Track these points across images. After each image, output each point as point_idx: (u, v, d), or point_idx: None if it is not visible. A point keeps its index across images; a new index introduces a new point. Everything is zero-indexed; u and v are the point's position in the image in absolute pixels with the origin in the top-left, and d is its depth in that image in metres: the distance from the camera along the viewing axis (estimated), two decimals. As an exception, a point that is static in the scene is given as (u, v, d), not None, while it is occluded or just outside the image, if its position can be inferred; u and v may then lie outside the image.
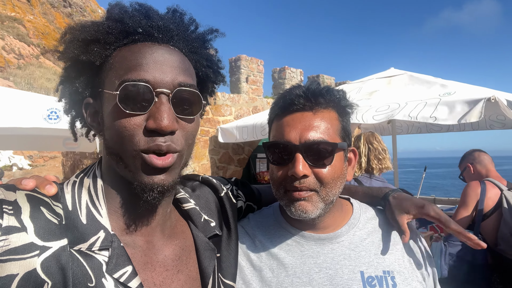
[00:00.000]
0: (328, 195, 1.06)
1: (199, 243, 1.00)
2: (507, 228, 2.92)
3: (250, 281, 1.11)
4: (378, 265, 1.10)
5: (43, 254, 0.71)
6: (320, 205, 1.06)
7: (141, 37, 0.85)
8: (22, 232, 0.70)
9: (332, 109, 1.11)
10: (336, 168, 1.07)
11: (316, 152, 1.04)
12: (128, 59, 0.82)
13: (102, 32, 0.85)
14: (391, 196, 1.23)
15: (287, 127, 1.08)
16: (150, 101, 0.80)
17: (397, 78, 5.27)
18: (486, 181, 3.19)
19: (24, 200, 0.75)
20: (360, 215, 1.21)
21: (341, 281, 1.06)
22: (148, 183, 0.81)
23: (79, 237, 0.78)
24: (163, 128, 0.78)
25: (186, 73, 0.86)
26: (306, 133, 1.05)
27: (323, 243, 1.14)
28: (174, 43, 0.88)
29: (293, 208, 1.06)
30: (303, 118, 1.07)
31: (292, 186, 1.04)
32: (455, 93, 3.89)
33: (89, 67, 0.86)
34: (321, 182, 1.05)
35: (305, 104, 1.08)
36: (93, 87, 0.89)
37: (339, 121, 1.11)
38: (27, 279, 0.68)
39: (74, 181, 0.87)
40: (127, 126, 0.79)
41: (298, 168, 1.02)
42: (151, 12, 0.89)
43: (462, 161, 3.57)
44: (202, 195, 1.14)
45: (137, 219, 0.88)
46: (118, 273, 0.78)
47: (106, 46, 0.85)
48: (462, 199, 3.21)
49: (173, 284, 0.89)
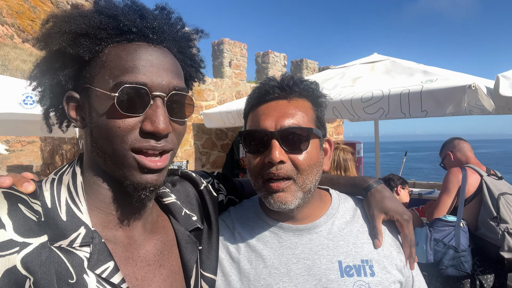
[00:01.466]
0: (305, 182, 1.07)
1: (180, 237, 1.01)
2: (487, 213, 3.04)
3: (229, 273, 1.12)
4: (356, 254, 1.11)
5: (23, 251, 0.71)
6: (299, 194, 1.06)
7: (135, 36, 0.85)
8: (0, 229, 0.70)
9: (306, 98, 1.14)
10: (312, 155, 1.08)
11: (292, 138, 1.05)
12: (124, 59, 0.83)
13: (93, 26, 0.83)
14: (373, 189, 1.24)
15: (263, 115, 1.09)
16: (146, 104, 0.82)
17: (380, 63, 5.29)
18: (466, 168, 3.28)
19: (1, 197, 0.75)
20: (339, 205, 1.23)
21: (318, 271, 1.08)
22: (142, 182, 0.83)
23: (59, 234, 0.78)
24: (160, 131, 0.81)
25: (179, 77, 0.89)
26: (282, 120, 1.06)
27: (301, 233, 1.15)
28: (167, 44, 0.90)
29: (272, 200, 1.06)
30: (278, 106, 1.10)
31: (270, 173, 1.05)
32: (437, 80, 3.93)
33: (75, 60, 0.85)
34: (297, 168, 1.05)
35: (280, 93, 1.10)
36: (78, 81, 0.87)
37: (313, 110, 1.14)
38: (8, 276, 0.68)
39: (53, 178, 0.87)
40: (121, 126, 0.81)
41: (274, 154, 1.02)
42: (145, 12, 0.89)
43: (443, 149, 3.66)
44: (182, 190, 1.15)
45: (118, 215, 0.89)
46: (100, 269, 0.79)
47: (97, 42, 0.84)
48: (444, 185, 3.30)
49: (155, 278, 0.91)
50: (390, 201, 1.20)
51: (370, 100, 4.11)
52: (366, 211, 1.23)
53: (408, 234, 1.17)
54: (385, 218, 1.18)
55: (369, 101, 4.13)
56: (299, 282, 1.07)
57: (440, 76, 4.12)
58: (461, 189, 3.18)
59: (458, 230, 3.00)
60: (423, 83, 3.97)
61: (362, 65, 5.49)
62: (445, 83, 3.77)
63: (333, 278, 1.07)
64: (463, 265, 2.93)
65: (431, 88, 3.72)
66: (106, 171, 0.86)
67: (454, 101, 3.57)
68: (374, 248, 1.14)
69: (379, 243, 1.14)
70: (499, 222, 2.96)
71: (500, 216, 2.96)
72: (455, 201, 3.22)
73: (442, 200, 3.26)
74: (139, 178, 0.83)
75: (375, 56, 5.71)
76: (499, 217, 2.96)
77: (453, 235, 2.99)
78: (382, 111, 4.06)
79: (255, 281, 1.09)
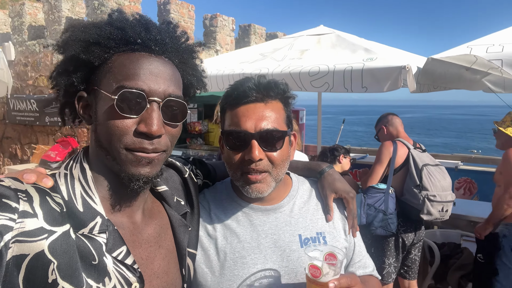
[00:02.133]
0: (279, 174, 1.24)
1: (173, 221, 1.14)
2: (412, 182, 3.45)
3: (207, 249, 1.28)
4: (313, 228, 1.33)
5: (50, 237, 0.80)
6: (272, 184, 1.23)
7: (139, 47, 0.94)
8: (34, 218, 0.79)
9: (279, 100, 1.27)
10: (284, 151, 1.24)
11: (269, 139, 1.20)
12: (127, 67, 0.92)
13: (103, 36, 0.92)
14: (326, 173, 1.46)
15: (243, 117, 1.20)
16: (143, 107, 0.91)
17: (326, 37, 5.50)
18: (397, 141, 3.67)
19: (33, 190, 0.83)
20: (298, 187, 1.42)
21: (283, 244, 1.28)
22: (135, 174, 0.92)
23: (80, 223, 0.88)
24: (152, 133, 0.90)
25: (176, 85, 0.98)
26: (260, 122, 1.19)
27: (268, 213, 1.32)
28: (168, 55, 0.99)
29: (249, 190, 1.21)
30: (256, 109, 1.21)
31: (249, 168, 1.19)
32: (377, 59, 4.25)
33: (87, 65, 0.93)
34: (273, 163, 1.21)
35: (257, 96, 1.22)
36: (88, 83, 0.96)
37: (284, 111, 1.28)
38: (36, 259, 0.77)
39: (65, 173, 0.95)
40: (119, 125, 0.90)
41: (254, 153, 1.16)
42: (150, 25, 0.97)
43: (378, 123, 4.04)
44: (170, 178, 1.27)
45: (123, 204, 1.00)
46: (116, 252, 0.91)
47: (106, 50, 0.92)
48: (377, 157, 3.67)
49: (156, 257, 1.04)
50: (339, 182, 1.42)
51: (317, 75, 4.36)
52: (320, 191, 1.44)
53: (353, 209, 1.40)
54: (335, 197, 1.40)
55: (316, 75, 4.38)
56: (268, 253, 1.26)
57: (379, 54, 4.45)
58: (392, 160, 3.57)
59: (387, 196, 3.43)
60: (364, 61, 4.28)
61: (309, 37, 5.66)
62: (384, 62, 4.10)
63: (295, 248, 1.27)
64: (389, 226, 3.38)
65: (371, 66, 4.04)
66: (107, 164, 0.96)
67: (391, 79, 3.91)
68: (326, 222, 1.36)
69: (331, 217, 1.36)
70: (421, 189, 3.36)
71: (422, 184, 3.35)
72: (386, 171, 3.63)
73: (375, 170, 3.65)
74: (134, 170, 0.92)
75: (322, 28, 5.90)
76: (421, 185, 3.36)
77: (383, 201, 3.41)
78: (327, 85, 4.34)
79: (230, 254, 1.25)
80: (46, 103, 7.88)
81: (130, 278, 0.92)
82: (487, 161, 8.17)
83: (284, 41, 5.84)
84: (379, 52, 4.61)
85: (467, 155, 9.03)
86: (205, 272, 1.25)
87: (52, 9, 7.70)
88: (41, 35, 8.36)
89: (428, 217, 3.38)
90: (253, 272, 1.24)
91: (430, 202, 3.34)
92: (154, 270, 1.02)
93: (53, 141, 7.87)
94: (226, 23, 9.76)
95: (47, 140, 8.19)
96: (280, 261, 1.25)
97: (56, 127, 7.99)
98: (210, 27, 9.58)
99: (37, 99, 8.03)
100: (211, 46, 9.53)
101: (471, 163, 7.72)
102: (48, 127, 8.10)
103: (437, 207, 3.36)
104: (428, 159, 3.56)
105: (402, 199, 3.56)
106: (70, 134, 7.57)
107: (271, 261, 1.26)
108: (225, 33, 9.79)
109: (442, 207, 3.38)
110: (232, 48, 9.91)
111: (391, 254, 3.64)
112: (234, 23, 10.04)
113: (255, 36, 10.81)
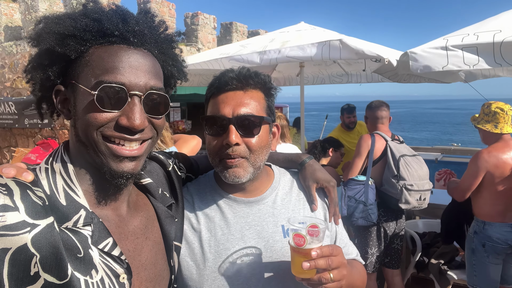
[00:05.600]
0: (256, 161, 1.25)
1: (159, 212, 1.14)
2: (390, 172, 3.55)
3: (192, 241, 1.28)
4: (295, 219, 1.33)
5: (33, 231, 0.79)
6: (250, 170, 1.24)
7: (117, 39, 0.91)
8: (15, 211, 0.77)
9: (260, 90, 1.29)
10: (262, 139, 1.25)
11: (246, 124, 1.21)
12: (106, 60, 0.89)
13: (79, 28, 0.89)
14: (307, 164, 1.47)
15: (222, 103, 1.23)
16: (124, 101, 0.89)
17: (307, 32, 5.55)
18: (375, 134, 3.76)
19: (13, 184, 0.81)
20: (280, 179, 1.44)
21: (266, 234, 1.29)
22: (118, 170, 0.90)
23: (63, 216, 0.86)
24: (135, 127, 0.89)
25: (157, 77, 0.96)
26: (238, 108, 1.21)
27: (251, 205, 1.33)
28: (147, 47, 0.96)
29: (227, 174, 1.22)
30: (236, 96, 1.24)
31: (226, 154, 1.21)
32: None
33: (63, 58, 0.91)
34: (250, 149, 1.23)
35: (237, 84, 1.24)
36: (65, 77, 0.94)
37: (265, 100, 1.30)
38: (19, 253, 0.76)
39: (46, 167, 0.93)
40: (99, 119, 0.88)
41: (231, 137, 1.18)
42: (128, 16, 0.94)
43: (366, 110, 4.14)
44: (154, 171, 1.26)
45: (107, 197, 0.99)
46: (102, 244, 0.90)
47: (83, 42, 0.90)
48: (356, 150, 3.77)
49: (143, 249, 1.03)
50: (320, 172, 1.44)
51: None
52: (302, 182, 1.45)
53: (334, 197, 1.42)
54: (317, 187, 1.42)
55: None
56: (251, 244, 1.27)
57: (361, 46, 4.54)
58: (370, 152, 3.67)
59: (367, 187, 3.51)
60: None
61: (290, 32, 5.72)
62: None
63: (278, 239, 1.29)
64: (370, 216, 3.47)
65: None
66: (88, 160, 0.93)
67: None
68: (311, 211, 1.38)
69: (316, 207, 1.38)
70: (398, 179, 3.46)
71: (399, 174, 3.45)
72: (365, 163, 3.72)
73: (355, 163, 3.74)
74: (116, 166, 0.90)
75: (302, 24, 5.96)
76: (398, 175, 3.46)
77: (363, 192, 3.50)
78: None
79: (215, 246, 1.26)
80: (25, 105, 7.71)
81: (118, 269, 0.91)
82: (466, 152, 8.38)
83: (265, 37, 5.87)
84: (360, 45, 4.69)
85: (447, 147, 9.24)
86: (190, 265, 1.26)
87: (29, 9, 7.54)
88: (18, 36, 8.18)
89: (406, 205, 3.48)
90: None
91: (408, 191, 3.43)
92: (141, 262, 1.01)
93: (33, 144, 7.71)
94: (208, 21, 9.73)
95: (27, 143, 8.02)
96: (264, 251, 1.27)
97: (36, 129, 7.83)
98: (192, 26, 9.53)
99: (15, 101, 7.87)
100: (193, 45, 9.50)
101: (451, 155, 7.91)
102: (28, 129, 7.94)
103: (414, 196, 3.45)
104: (405, 150, 3.65)
105: (382, 189, 3.65)
106: (51, 136, 7.44)
107: None
108: (206, 31, 9.76)
109: (420, 195, 3.47)
110: (214, 46, 9.89)
111: (374, 244, 3.73)
112: (216, 21, 10.02)
113: (237, 34, 10.82)
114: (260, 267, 1.26)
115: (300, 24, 6.02)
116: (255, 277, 1.24)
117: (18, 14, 8.24)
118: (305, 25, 5.90)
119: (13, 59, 7.96)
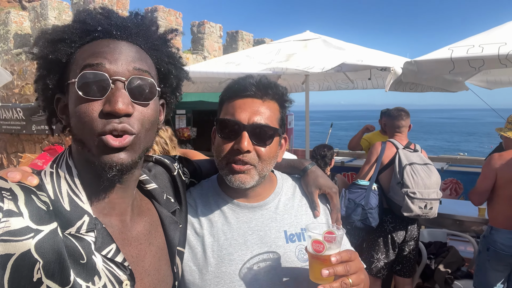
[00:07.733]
0: (264, 170, 1.26)
1: (164, 218, 1.13)
2: (395, 179, 3.61)
3: (195, 246, 1.28)
4: (297, 224, 1.35)
5: (37, 237, 0.78)
6: (256, 177, 1.25)
7: (101, 34, 0.91)
8: (19, 217, 0.77)
9: (276, 101, 1.30)
10: (272, 149, 1.27)
11: (259, 133, 1.21)
12: (88, 51, 0.90)
13: (67, 32, 0.91)
14: (309, 170, 1.48)
15: (239, 108, 1.23)
16: (107, 88, 0.86)
17: (313, 42, 5.60)
18: (387, 142, 3.88)
19: (18, 188, 0.81)
20: (283, 185, 1.44)
21: (269, 240, 1.30)
22: (107, 162, 0.87)
23: (66, 222, 0.86)
24: (117, 111, 0.84)
25: (142, 62, 0.93)
26: (254, 116, 1.21)
27: (254, 210, 1.33)
28: (133, 40, 0.94)
29: (232, 179, 1.22)
30: (253, 103, 1.24)
31: (235, 159, 1.22)
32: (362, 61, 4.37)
33: (57, 64, 0.92)
34: (259, 158, 1.23)
35: (256, 92, 1.25)
36: (61, 83, 0.94)
37: (279, 112, 1.31)
38: (22, 259, 0.75)
39: (51, 172, 0.93)
40: (86, 111, 0.86)
41: (243, 144, 1.19)
42: (111, 14, 0.95)
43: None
44: (159, 175, 1.25)
45: (111, 202, 0.97)
46: (105, 250, 0.89)
47: (71, 44, 0.91)
48: (367, 156, 3.94)
49: (146, 255, 1.02)
50: (322, 178, 1.45)
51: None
52: (304, 188, 1.46)
53: (336, 203, 1.43)
54: (319, 193, 1.43)
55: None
56: (254, 249, 1.28)
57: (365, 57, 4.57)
58: (378, 159, 3.78)
59: (368, 192, 3.62)
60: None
61: (296, 42, 5.74)
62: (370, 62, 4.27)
63: (281, 244, 1.28)
64: (368, 220, 3.56)
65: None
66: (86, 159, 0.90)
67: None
68: (313, 217, 1.38)
69: (318, 213, 1.39)
70: (402, 186, 3.51)
71: (403, 181, 3.51)
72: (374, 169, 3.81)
73: (363, 168, 3.92)
74: (105, 158, 0.86)
75: (308, 33, 6.00)
76: (402, 183, 3.52)
77: (364, 196, 3.61)
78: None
79: (218, 251, 1.26)
80: (32, 111, 7.80)
81: (121, 276, 0.90)
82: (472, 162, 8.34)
83: (272, 46, 5.91)
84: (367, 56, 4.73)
85: (453, 156, 9.19)
86: (193, 270, 1.26)
87: (38, 17, 7.67)
88: (27, 43, 8.31)
89: (409, 213, 3.50)
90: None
91: (410, 199, 3.47)
92: (145, 268, 1.00)
93: (40, 150, 7.79)
94: (214, 30, 9.83)
95: (34, 149, 8.10)
96: (267, 257, 1.27)
97: (43, 135, 7.92)
98: (198, 34, 9.63)
99: (23, 107, 7.97)
100: (199, 53, 9.58)
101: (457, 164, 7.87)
102: (35, 135, 8.02)
103: (418, 204, 3.47)
104: (417, 158, 3.69)
105: (389, 195, 3.72)
106: (58, 142, 7.51)
107: None
108: (212, 40, 9.85)
109: (425, 204, 3.48)
110: (220, 54, 9.97)
111: (380, 249, 3.77)
112: (222, 29, 10.11)
113: (242, 42, 10.91)
114: (263, 272, 1.26)
115: (305, 33, 6.07)
116: (258, 283, 1.25)
117: (28, 22, 8.38)
118: (311, 34, 5.94)
119: (21, 66, 8.08)
